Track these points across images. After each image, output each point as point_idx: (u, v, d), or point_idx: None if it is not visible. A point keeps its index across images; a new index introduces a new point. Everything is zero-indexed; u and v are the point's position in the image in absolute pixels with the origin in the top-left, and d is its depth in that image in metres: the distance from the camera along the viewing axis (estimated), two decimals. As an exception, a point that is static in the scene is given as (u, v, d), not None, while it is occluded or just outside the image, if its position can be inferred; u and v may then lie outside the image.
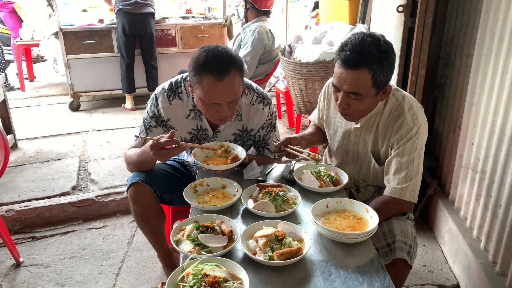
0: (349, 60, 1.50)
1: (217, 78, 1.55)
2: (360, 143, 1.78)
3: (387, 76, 1.55)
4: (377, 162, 1.75)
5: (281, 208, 1.48)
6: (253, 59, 3.79)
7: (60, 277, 2.30)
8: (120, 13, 4.39)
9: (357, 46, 1.50)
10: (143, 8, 4.43)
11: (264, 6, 3.87)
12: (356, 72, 1.50)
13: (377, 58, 1.49)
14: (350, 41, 1.53)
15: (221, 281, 1.09)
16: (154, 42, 4.66)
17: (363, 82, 1.52)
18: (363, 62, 1.49)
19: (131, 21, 4.41)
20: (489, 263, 2.01)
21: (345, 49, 1.52)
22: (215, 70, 1.55)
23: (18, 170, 3.35)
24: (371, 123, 1.71)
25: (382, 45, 1.50)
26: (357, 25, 3.39)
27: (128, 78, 4.67)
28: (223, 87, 1.57)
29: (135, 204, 1.84)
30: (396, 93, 1.68)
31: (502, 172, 1.90)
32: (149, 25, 4.53)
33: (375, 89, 1.54)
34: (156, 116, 1.82)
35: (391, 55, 1.53)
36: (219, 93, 1.58)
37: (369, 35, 1.52)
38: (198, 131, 1.86)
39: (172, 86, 1.81)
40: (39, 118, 4.59)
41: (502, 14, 1.90)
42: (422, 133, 1.62)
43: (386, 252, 1.53)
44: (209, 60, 1.56)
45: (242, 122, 1.86)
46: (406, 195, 1.61)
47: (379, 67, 1.50)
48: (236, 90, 1.63)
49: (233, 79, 1.59)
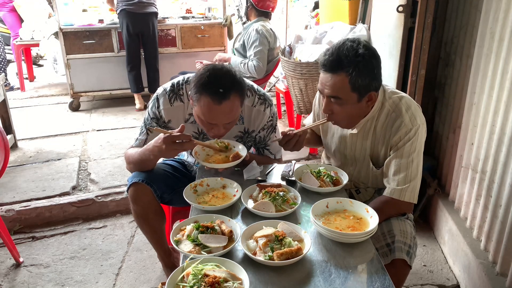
0: (327, 63, 1.54)
1: (215, 101, 1.54)
2: (357, 148, 1.77)
3: (366, 81, 1.54)
4: (375, 165, 1.75)
5: (281, 208, 1.48)
6: (264, 56, 3.79)
7: (60, 277, 2.30)
8: (123, 13, 4.38)
9: (336, 50, 1.53)
10: (146, 7, 4.42)
11: (262, 6, 3.87)
12: (334, 76, 1.53)
13: (353, 61, 1.49)
14: (332, 46, 1.56)
15: (221, 281, 1.09)
16: (156, 42, 4.65)
17: (341, 85, 1.53)
18: (340, 65, 1.51)
19: (135, 21, 4.40)
20: (489, 263, 2.02)
21: (326, 53, 1.56)
22: (214, 93, 1.54)
23: (18, 170, 3.35)
24: (367, 128, 1.70)
25: (360, 50, 1.50)
26: (357, 25, 3.39)
27: (135, 78, 4.66)
28: (220, 110, 1.57)
29: (135, 204, 1.84)
30: (392, 96, 1.68)
31: (502, 172, 1.90)
32: (152, 25, 4.53)
33: (355, 93, 1.54)
34: (157, 117, 1.82)
35: (369, 60, 1.52)
36: (215, 115, 1.59)
37: (352, 40, 1.54)
38: (199, 134, 1.87)
39: (174, 88, 1.81)
40: (39, 118, 4.59)
41: (502, 14, 1.90)
42: (421, 134, 1.62)
43: (385, 252, 1.53)
44: (211, 82, 1.55)
45: (244, 125, 1.86)
46: (406, 196, 1.61)
47: (355, 70, 1.50)
48: (234, 114, 1.63)
49: (232, 103, 1.58)
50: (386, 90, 1.68)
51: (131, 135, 3.96)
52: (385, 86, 1.70)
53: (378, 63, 1.57)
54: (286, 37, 5.67)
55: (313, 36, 3.57)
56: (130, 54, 4.57)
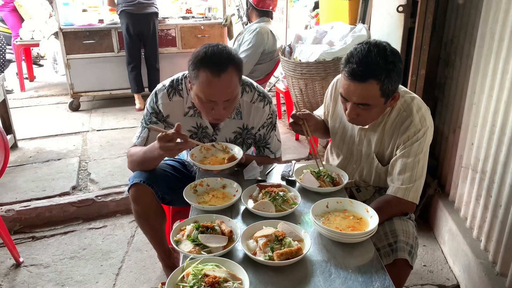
0: (356, 73, 1.48)
1: (214, 74, 1.55)
2: (364, 143, 1.77)
3: (396, 85, 1.54)
4: (380, 163, 1.75)
5: (281, 208, 1.48)
6: (249, 59, 3.78)
7: (60, 277, 2.30)
8: (124, 14, 4.37)
9: (364, 58, 1.47)
10: (147, 8, 4.41)
11: (262, 5, 3.87)
12: (365, 84, 1.48)
13: (385, 69, 1.47)
14: (356, 52, 1.50)
15: (221, 281, 1.09)
16: (156, 42, 4.64)
17: (372, 94, 1.50)
18: (371, 74, 1.47)
19: (135, 22, 4.39)
20: (489, 263, 2.01)
21: (351, 61, 1.49)
22: (213, 65, 1.56)
23: (18, 170, 3.35)
24: (377, 122, 1.70)
25: (389, 56, 1.48)
26: (357, 25, 3.39)
27: (136, 78, 4.65)
28: (219, 83, 1.57)
29: (136, 204, 1.84)
30: (405, 95, 1.68)
31: (502, 172, 1.90)
32: (153, 25, 4.52)
33: (384, 98, 1.53)
34: (156, 112, 1.82)
35: (398, 65, 1.51)
36: (214, 89, 1.58)
37: (375, 45, 1.49)
38: (198, 128, 1.86)
39: (173, 83, 1.82)
40: (39, 118, 4.59)
41: (502, 14, 1.90)
42: (429, 136, 1.62)
43: (387, 252, 1.53)
44: (208, 56, 1.57)
45: (243, 120, 1.86)
46: (410, 196, 1.61)
47: (387, 78, 1.48)
48: (233, 89, 1.62)
49: (230, 77, 1.59)
50: (399, 89, 1.67)
51: (131, 135, 3.93)
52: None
53: (402, 66, 1.55)
54: (286, 37, 5.67)
55: (313, 36, 3.58)
56: (131, 54, 4.57)
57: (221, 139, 1.87)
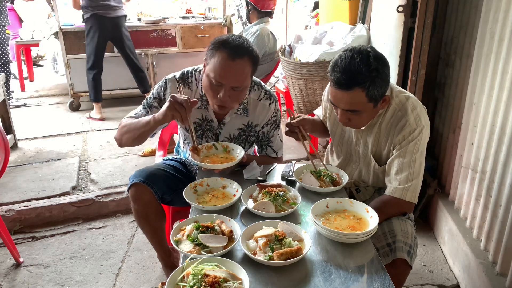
0: (341, 82, 1.50)
1: (230, 57, 1.61)
2: (361, 144, 1.78)
3: (382, 90, 1.54)
4: (377, 163, 1.75)
5: (281, 208, 1.48)
6: None
7: (60, 277, 2.30)
8: (95, 18, 4.16)
9: (347, 67, 1.49)
10: (117, 11, 4.28)
11: (265, 7, 3.87)
12: (350, 92, 1.51)
13: (369, 77, 1.48)
14: (340, 60, 1.51)
15: (221, 281, 1.09)
16: (131, 42, 4.51)
17: (359, 100, 1.52)
18: (355, 83, 1.49)
19: (108, 25, 4.23)
20: (489, 263, 2.02)
21: (336, 70, 1.51)
22: (231, 49, 1.62)
23: (18, 170, 3.35)
24: (373, 123, 1.71)
25: (372, 63, 1.48)
26: (357, 25, 3.39)
27: (96, 86, 4.44)
28: (232, 67, 1.62)
29: (136, 203, 1.84)
30: (399, 95, 1.68)
31: (502, 172, 1.90)
32: (125, 28, 4.42)
33: (372, 103, 1.55)
34: (160, 98, 1.86)
35: (382, 70, 1.51)
36: (226, 71, 1.63)
37: (358, 52, 1.50)
38: (203, 121, 1.88)
39: (183, 76, 1.87)
40: (39, 118, 4.59)
41: (502, 14, 1.90)
42: (425, 135, 1.62)
43: (386, 252, 1.53)
44: (229, 41, 1.65)
45: (248, 117, 1.89)
46: (407, 196, 1.61)
47: (372, 84, 1.49)
48: (243, 78, 1.67)
49: (243, 65, 1.64)
50: (394, 89, 1.68)
51: (131, 135, 3.95)
52: (392, 85, 1.69)
53: (389, 69, 1.56)
54: (286, 37, 5.67)
55: (313, 36, 3.57)
56: (98, 59, 4.36)
57: (225, 134, 1.89)
